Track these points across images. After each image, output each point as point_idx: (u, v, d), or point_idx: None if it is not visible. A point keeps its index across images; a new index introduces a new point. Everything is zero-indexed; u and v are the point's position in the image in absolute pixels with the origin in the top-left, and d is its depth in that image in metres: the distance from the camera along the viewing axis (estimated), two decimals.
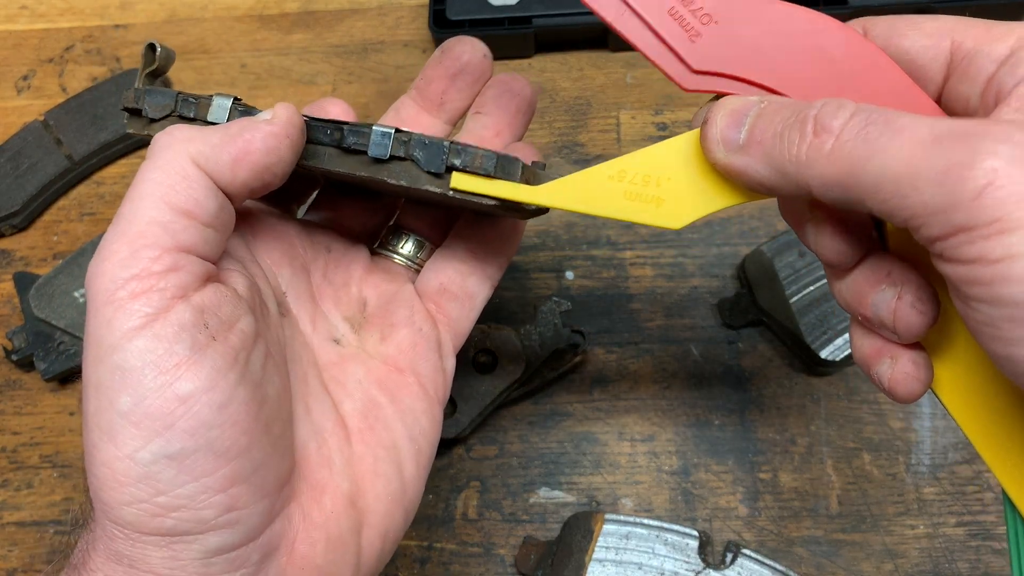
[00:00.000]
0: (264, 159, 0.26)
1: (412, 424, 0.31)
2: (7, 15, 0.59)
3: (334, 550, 0.27)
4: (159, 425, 0.23)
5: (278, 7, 0.58)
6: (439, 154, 0.28)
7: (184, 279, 0.24)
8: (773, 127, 0.24)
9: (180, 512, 0.23)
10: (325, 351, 0.31)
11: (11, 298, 0.50)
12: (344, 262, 0.33)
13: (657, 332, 0.47)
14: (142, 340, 0.23)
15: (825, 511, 0.43)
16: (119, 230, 0.24)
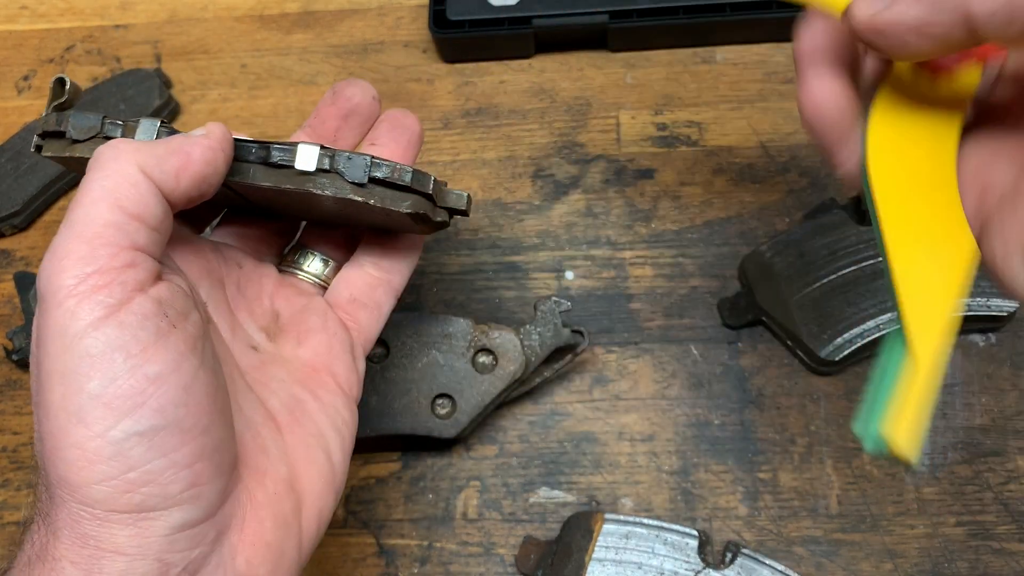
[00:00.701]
0: (203, 170, 0.28)
1: (334, 415, 0.33)
2: (7, 15, 0.59)
3: (280, 528, 0.29)
4: (130, 404, 0.24)
5: (278, 7, 0.58)
6: (361, 167, 0.31)
7: (141, 275, 0.26)
8: None
9: (148, 487, 0.25)
10: (245, 357, 0.33)
11: (11, 298, 0.50)
12: (255, 277, 0.35)
13: (657, 332, 0.47)
14: (109, 328, 0.24)
15: (825, 511, 0.43)
16: (74, 232, 0.25)
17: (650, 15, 0.52)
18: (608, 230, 0.49)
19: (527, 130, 0.52)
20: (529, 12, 0.52)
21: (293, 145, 0.31)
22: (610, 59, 0.54)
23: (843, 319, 0.43)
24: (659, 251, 0.49)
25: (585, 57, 0.54)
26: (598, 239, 0.49)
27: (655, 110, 0.52)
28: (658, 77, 0.53)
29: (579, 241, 0.49)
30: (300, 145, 0.31)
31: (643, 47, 0.54)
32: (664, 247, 0.49)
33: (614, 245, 0.49)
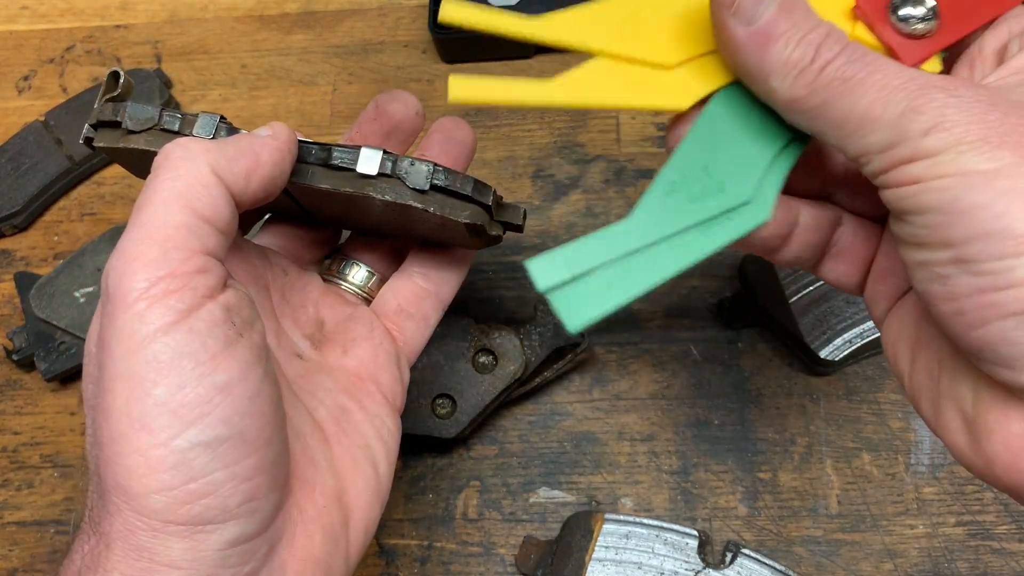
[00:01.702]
0: (271, 171, 0.28)
1: (380, 426, 0.33)
2: (8, 15, 0.59)
3: (329, 542, 0.28)
4: (196, 413, 0.24)
5: (278, 7, 0.58)
6: (424, 173, 0.30)
7: (211, 280, 0.25)
8: (786, 30, 0.24)
9: (208, 499, 0.24)
10: (291, 366, 0.32)
11: (12, 298, 0.50)
12: (299, 284, 0.35)
13: (657, 332, 0.47)
14: (178, 334, 0.24)
15: (825, 511, 0.43)
16: (145, 233, 0.24)
17: None
18: None
19: (527, 130, 0.52)
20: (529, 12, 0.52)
21: (356, 148, 0.30)
22: None
23: (843, 319, 0.43)
24: None
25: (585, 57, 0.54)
26: None
27: (655, 110, 0.52)
28: None
29: None
30: (363, 148, 0.30)
31: None
32: None
33: None
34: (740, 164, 0.27)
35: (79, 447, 0.47)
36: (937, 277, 0.22)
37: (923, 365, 0.27)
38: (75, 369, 0.47)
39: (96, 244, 0.48)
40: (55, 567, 0.44)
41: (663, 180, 0.26)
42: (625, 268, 0.25)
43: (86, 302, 0.47)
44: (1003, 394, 0.23)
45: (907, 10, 0.26)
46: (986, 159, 0.21)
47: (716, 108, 0.27)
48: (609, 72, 0.28)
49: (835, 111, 0.23)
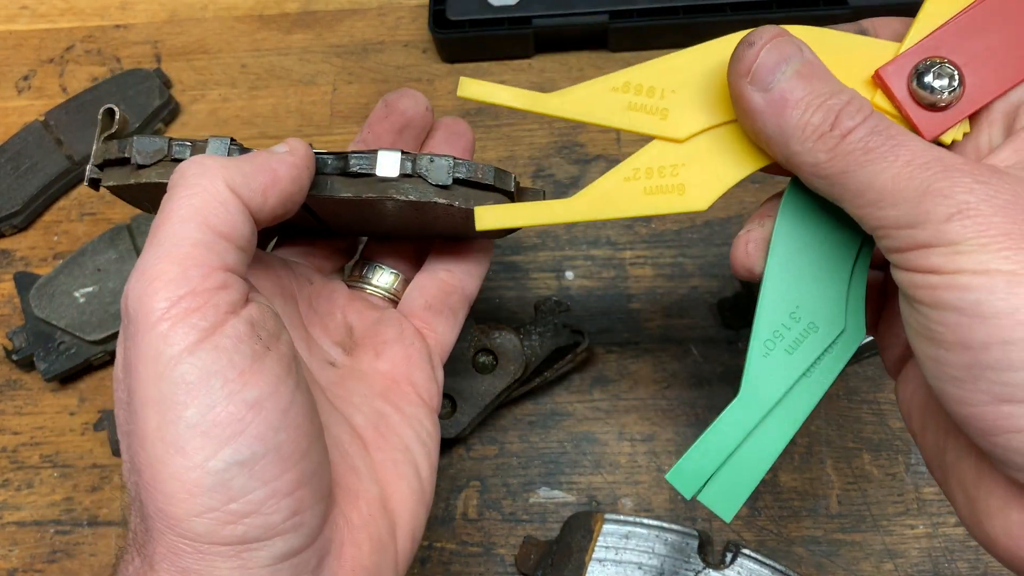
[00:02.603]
0: (289, 187, 0.27)
1: (419, 428, 0.32)
2: (7, 15, 0.59)
3: (377, 551, 0.28)
4: (229, 432, 0.23)
5: (278, 7, 0.58)
6: (446, 168, 0.30)
7: (233, 296, 0.25)
8: (804, 96, 0.25)
9: (251, 518, 0.24)
10: (324, 374, 0.32)
11: (11, 298, 0.50)
12: (325, 293, 0.35)
13: (657, 332, 0.47)
14: (204, 352, 0.23)
15: (825, 511, 0.43)
16: (163, 251, 0.24)
17: (650, 15, 0.52)
18: (608, 230, 0.49)
19: (527, 130, 0.52)
20: (529, 12, 0.52)
21: (372, 152, 0.30)
22: (610, 59, 0.54)
23: None
24: (659, 251, 0.49)
25: (585, 57, 0.54)
26: (598, 239, 0.49)
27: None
28: None
29: (579, 241, 0.49)
30: (380, 152, 0.30)
31: (643, 47, 0.54)
32: (664, 247, 0.49)
33: (614, 245, 0.49)
34: (825, 296, 0.27)
35: (79, 447, 0.47)
36: (951, 379, 0.22)
37: (931, 433, 0.26)
38: (75, 369, 0.47)
39: (96, 244, 0.48)
40: (55, 567, 0.44)
41: (757, 342, 0.27)
42: (752, 447, 0.26)
43: (86, 302, 0.47)
44: (1006, 482, 0.23)
45: (931, 80, 0.26)
46: (1008, 258, 0.20)
47: (782, 246, 0.27)
48: (629, 186, 0.28)
49: (855, 181, 0.23)
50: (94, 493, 0.46)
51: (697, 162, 0.28)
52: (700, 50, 0.28)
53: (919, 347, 0.23)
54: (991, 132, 0.27)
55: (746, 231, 0.28)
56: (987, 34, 0.26)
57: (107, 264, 0.48)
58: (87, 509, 0.45)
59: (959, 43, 0.26)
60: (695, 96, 0.28)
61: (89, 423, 0.47)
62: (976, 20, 0.26)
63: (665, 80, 0.28)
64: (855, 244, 0.27)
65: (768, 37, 0.26)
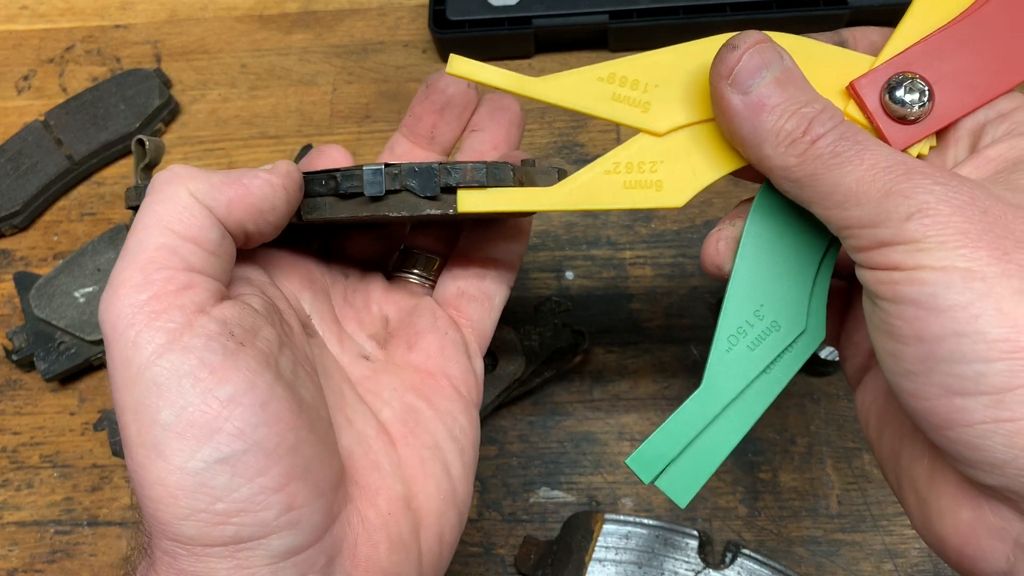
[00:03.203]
0: (259, 203, 0.27)
1: (452, 424, 0.31)
2: (7, 15, 0.59)
3: (396, 552, 0.27)
4: (205, 432, 0.23)
5: (278, 7, 0.58)
6: (431, 178, 0.28)
7: (200, 296, 0.25)
8: (780, 103, 0.25)
9: (241, 516, 0.23)
10: (356, 368, 0.31)
11: (11, 298, 0.50)
12: (362, 286, 0.34)
13: (657, 332, 0.47)
14: (173, 354, 0.23)
15: (825, 511, 0.43)
16: (127, 260, 0.24)
17: (650, 15, 0.52)
18: (608, 230, 0.49)
19: (527, 130, 0.52)
20: (529, 12, 0.52)
21: (358, 169, 0.29)
22: (610, 59, 0.54)
23: None
24: (659, 251, 0.49)
25: (585, 57, 0.54)
26: (598, 239, 0.49)
27: None
28: None
29: (579, 241, 0.49)
30: (364, 168, 0.28)
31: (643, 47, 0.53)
32: (664, 247, 0.49)
33: (614, 245, 0.49)
34: (789, 297, 0.28)
35: (79, 447, 0.47)
36: (906, 372, 0.22)
37: (887, 439, 0.27)
38: (74, 369, 0.47)
39: (96, 244, 0.48)
40: (55, 567, 0.44)
41: (721, 337, 0.28)
42: (710, 437, 0.27)
43: (86, 302, 0.47)
44: (956, 481, 0.23)
45: (902, 94, 0.27)
46: (964, 256, 0.21)
47: (751, 246, 0.28)
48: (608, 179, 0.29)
49: (823, 183, 0.24)
50: (94, 493, 0.46)
51: (675, 160, 0.29)
52: (686, 48, 0.29)
53: (879, 343, 0.24)
54: (956, 149, 0.27)
55: (718, 229, 0.29)
56: (959, 55, 0.27)
57: (107, 264, 0.48)
58: (87, 509, 0.45)
59: (931, 61, 0.27)
60: (677, 93, 0.29)
61: (89, 423, 0.47)
62: (949, 41, 0.27)
63: (650, 74, 0.29)
64: (820, 248, 0.28)
65: (751, 42, 0.26)
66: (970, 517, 0.23)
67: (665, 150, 0.29)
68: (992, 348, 0.21)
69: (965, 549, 0.23)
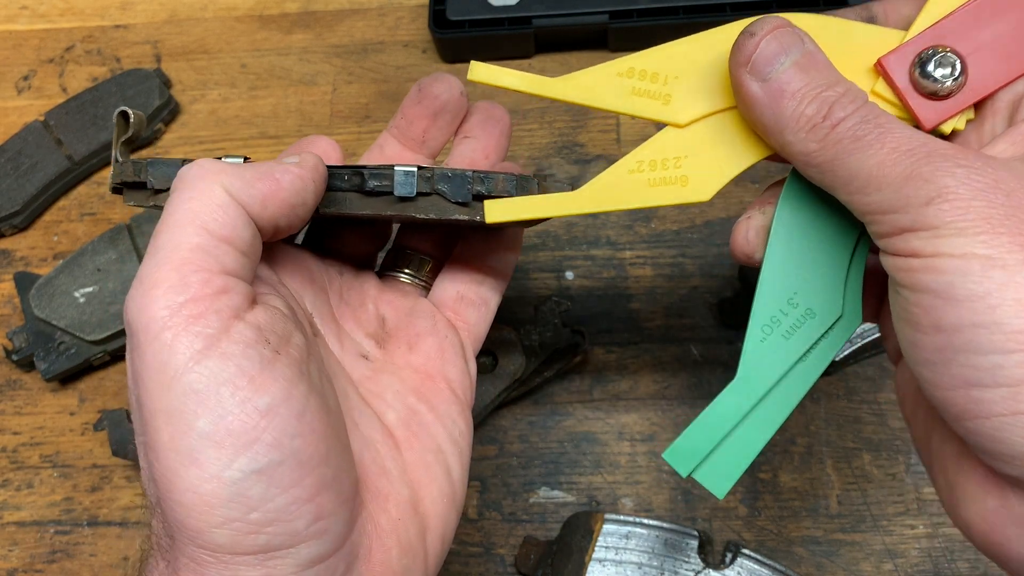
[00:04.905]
0: (291, 198, 0.27)
1: (451, 427, 0.31)
2: (7, 15, 0.59)
3: (406, 556, 0.27)
4: (243, 441, 0.23)
5: (278, 7, 0.58)
6: (464, 185, 0.29)
7: (236, 300, 0.24)
8: (801, 87, 0.25)
9: (273, 526, 0.23)
10: (356, 367, 0.31)
11: (11, 298, 0.50)
12: (357, 284, 0.34)
13: (657, 332, 0.47)
14: (211, 361, 0.23)
15: (825, 511, 0.43)
16: (161, 258, 0.24)
17: (650, 15, 0.52)
18: (608, 230, 0.49)
19: (527, 130, 0.52)
20: (529, 12, 0.52)
21: (388, 168, 0.29)
22: (610, 59, 0.54)
23: None
24: (659, 251, 0.49)
25: (585, 57, 0.54)
26: (598, 239, 0.49)
27: None
28: None
29: (579, 241, 0.49)
30: (396, 168, 0.29)
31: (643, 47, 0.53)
32: (664, 247, 0.49)
33: (614, 245, 0.49)
34: (823, 283, 0.27)
35: (79, 447, 0.47)
36: (925, 361, 0.22)
37: (921, 419, 0.27)
38: (75, 369, 0.47)
39: (96, 244, 0.48)
40: (55, 567, 0.44)
41: (755, 326, 0.27)
42: (747, 428, 0.27)
43: (86, 302, 0.47)
44: (982, 468, 0.23)
45: (932, 69, 0.26)
46: (985, 243, 0.21)
47: (782, 233, 0.27)
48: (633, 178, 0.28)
49: (844, 168, 0.24)
50: (94, 493, 0.46)
51: (699, 154, 0.28)
52: (704, 37, 0.29)
53: (900, 331, 0.23)
54: (994, 122, 0.27)
55: (747, 217, 0.29)
56: (994, 24, 0.26)
57: (107, 264, 0.48)
58: (87, 509, 0.45)
59: (965, 32, 0.26)
60: (698, 83, 0.28)
61: (89, 423, 0.47)
62: (984, 9, 0.26)
63: (669, 66, 0.28)
64: (854, 232, 0.27)
65: (769, 28, 0.26)
66: (995, 505, 0.23)
67: (688, 144, 0.28)
68: (1010, 339, 0.20)
69: (991, 536, 0.23)
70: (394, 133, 0.36)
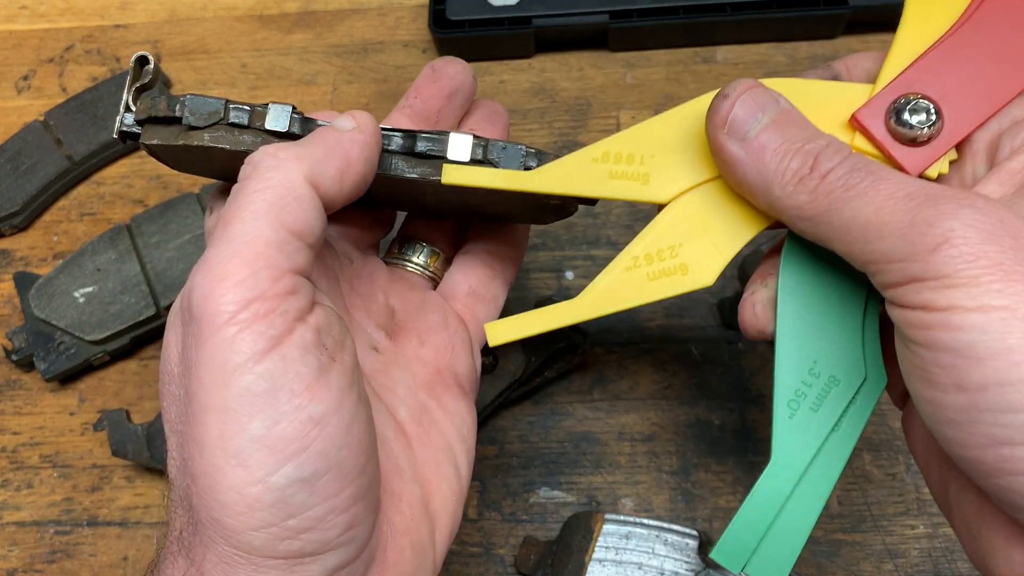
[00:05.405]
0: (363, 168, 0.26)
1: (460, 423, 0.31)
2: (7, 15, 0.59)
3: (418, 555, 0.27)
4: (294, 448, 0.23)
5: (278, 7, 0.58)
6: (517, 156, 0.29)
7: (301, 302, 0.24)
8: (782, 143, 0.25)
9: (308, 533, 0.23)
10: (368, 360, 0.31)
11: (11, 298, 0.50)
12: (366, 272, 0.34)
13: (657, 332, 0.47)
14: (271, 363, 0.23)
15: (825, 511, 0.42)
16: (233, 249, 0.23)
17: (650, 15, 0.52)
18: (608, 230, 0.49)
19: (527, 130, 0.52)
20: (529, 12, 0.52)
21: (443, 134, 0.29)
22: (610, 59, 0.54)
23: None
24: None
25: (585, 57, 0.54)
26: (598, 239, 0.49)
27: (656, 110, 0.52)
28: (658, 77, 0.53)
29: (579, 241, 0.49)
30: (452, 134, 0.28)
31: (643, 47, 0.54)
32: None
33: (614, 245, 0.49)
34: (841, 347, 0.26)
35: (79, 447, 0.47)
36: (948, 421, 0.21)
37: (935, 468, 0.26)
38: (74, 369, 0.47)
39: (96, 244, 0.48)
40: (54, 567, 0.44)
41: (781, 404, 0.26)
42: (791, 512, 0.26)
43: (86, 302, 0.47)
44: (1007, 520, 0.22)
45: (908, 116, 0.26)
46: (1000, 292, 0.20)
47: (789, 303, 0.27)
48: (630, 275, 0.28)
49: (840, 218, 0.23)
50: (94, 493, 0.46)
51: (694, 240, 0.28)
52: (672, 114, 0.28)
53: (915, 389, 0.22)
54: (974, 164, 0.27)
55: (751, 293, 0.28)
56: (960, 66, 0.26)
57: (107, 264, 0.48)
58: (87, 509, 0.45)
59: (932, 78, 0.26)
60: (674, 158, 0.28)
61: (89, 423, 0.47)
62: (947, 53, 0.26)
63: (643, 146, 0.28)
64: (862, 288, 0.26)
65: (743, 88, 0.26)
66: (1023, 559, 0.22)
67: (681, 232, 0.28)
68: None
69: None
70: (406, 112, 0.35)
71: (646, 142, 0.28)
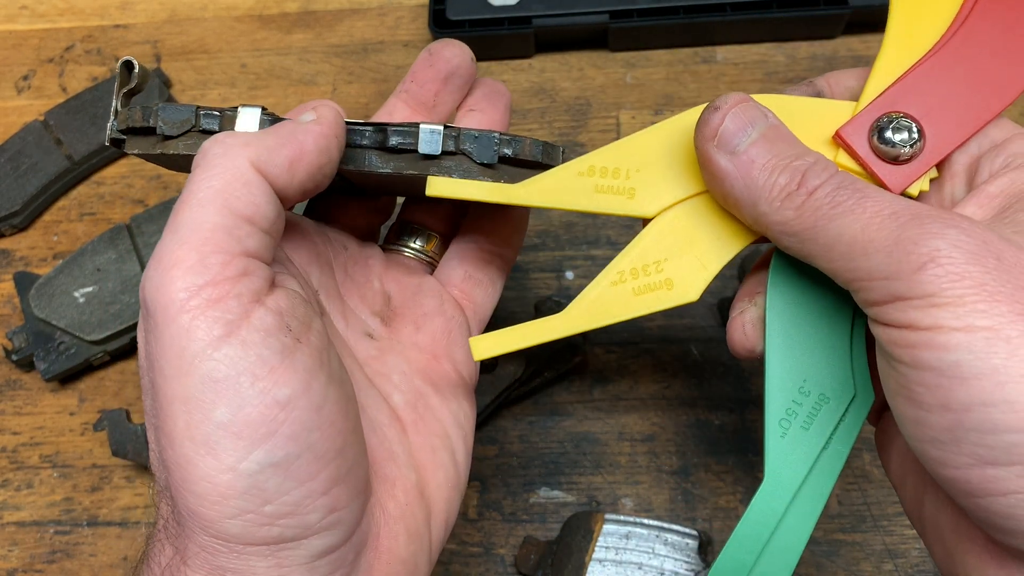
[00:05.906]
0: (318, 159, 0.26)
1: (456, 410, 0.31)
2: (7, 15, 0.59)
3: (413, 542, 0.27)
4: (261, 433, 0.22)
5: (278, 7, 0.58)
6: (490, 146, 0.28)
7: (256, 284, 0.24)
8: (770, 159, 0.25)
9: (287, 519, 0.23)
10: (362, 347, 0.31)
11: (11, 298, 0.50)
12: (361, 259, 0.33)
13: (657, 332, 0.47)
14: (230, 348, 0.22)
15: (825, 511, 0.43)
16: (180, 237, 0.23)
17: (650, 15, 0.52)
18: (608, 230, 0.49)
19: (527, 130, 0.52)
20: (529, 12, 0.52)
21: (413, 126, 0.28)
22: (610, 59, 0.54)
23: None
24: None
25: (585, 57, 0.54)
26: (598, 239, 0.49)
27: (655, 110, 0.52)
28: (658, 77, 0.53)
29: (579, 241, 0.49)
30: (422, 126, 0.28)
31: (643, 47, 0.54)
32: None
33: (614, 245, 0.49)
34: (830, 365, 0.26)
35: (78, 447, 0.47)
36: (932, 440, 0.21)
37: (911, 485, 0.26)
38: (74, 369, 0.47)
39: (96, 244, 0.48)
40: (54, 567, 0.44)
41: (772, 423, 0.27)
42: (785, 530, 0.27)
43: (86, 302, 0.47)
44: (983, 539, 0.23)
45: (890, 135, 0.26)
46: (984, 313, 0.20)
47: (778, 322, 0.27)
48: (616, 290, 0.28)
49: (825, 235, 0.23)
50: (94, 493, 0.46)
51: (679, 255, 0.28)
52: (660, 128, 0.28)
53: (898, 407, 0.22)
54: (953, 184, 0.27)
55: (739, 312, 0.28)
56: (941, 85, 0.26)
57: (107, 264, 0.48)
58: (87, 509, 0.45)
59: (914, 97, 0.27)
60: (660, 173, 0.28)
61: (89, 423, 0.47)
62: (929, 73, 0.27)
63: (629, 160, 0.28)
64: (849, 306, 0.27)
65: (733, 102, 0.26)
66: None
67: (667, 246, 0.28)
68: (1022, 417, 0.19)
69: None
70: (403, 98, 0.34)
71: (632, 156, 0.28)
